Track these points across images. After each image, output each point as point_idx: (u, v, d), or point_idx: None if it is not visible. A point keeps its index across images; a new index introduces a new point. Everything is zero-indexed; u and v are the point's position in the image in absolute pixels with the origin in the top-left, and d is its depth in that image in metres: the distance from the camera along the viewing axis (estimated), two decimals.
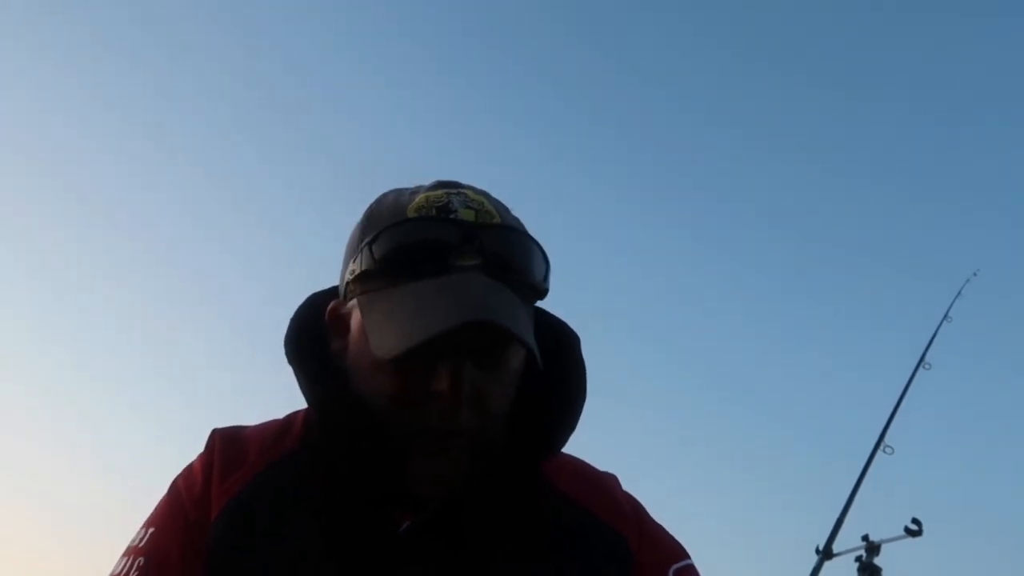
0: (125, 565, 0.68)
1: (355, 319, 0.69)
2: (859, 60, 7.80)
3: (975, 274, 3.83)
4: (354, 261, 0.69)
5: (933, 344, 3.54)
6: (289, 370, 0.72)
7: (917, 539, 3.17)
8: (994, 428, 6.38)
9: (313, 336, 0.74)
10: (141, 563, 0.67)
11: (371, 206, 0.72)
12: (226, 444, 0.74)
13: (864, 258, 7.57)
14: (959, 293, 3.72)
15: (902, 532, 3.19)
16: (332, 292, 0.77)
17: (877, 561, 3.26)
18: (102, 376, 6.98)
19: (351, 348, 0.70)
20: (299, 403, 0.74)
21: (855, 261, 7.48)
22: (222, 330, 7.29)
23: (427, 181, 0.73)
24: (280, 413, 0.79)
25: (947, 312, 3.63)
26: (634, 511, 0.77)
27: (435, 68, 7.28)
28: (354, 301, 0.69)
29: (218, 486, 0.70)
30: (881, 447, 3.27)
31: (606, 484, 0.78)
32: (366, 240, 0.67)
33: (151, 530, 0.70)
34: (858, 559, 3.27)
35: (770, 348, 7.46)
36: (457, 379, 0.63)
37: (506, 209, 0.72)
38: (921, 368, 3.47)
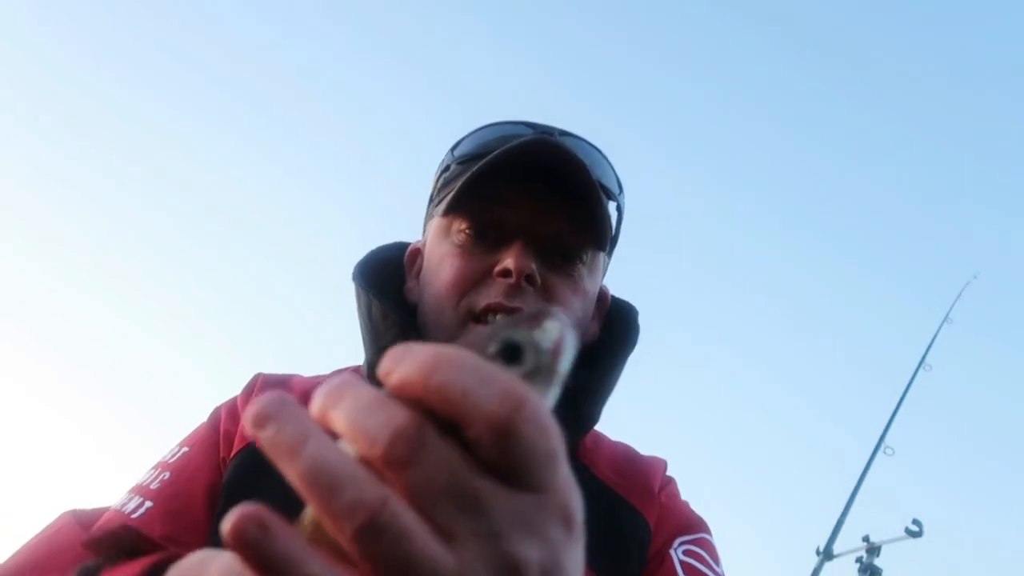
0: (151, 476, 0.69)
1: (430, 229, 0.73)
2: (868, 58, 7.79)
3: (975, 277, 3.85)
4: (437, 178, 0.75)
5: (934, 346, 3.55)
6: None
7: (917, 540, 3.18)
8: (994, 429, 6.39)
9: (388, 271, 0.76)
10: (166, 477, 0.68)
11: None
12: (264, 389, 0.73)
13: (865, 261, 7.57)
14: (959, 295, 3.74)
15: (902, 533, 3.21)
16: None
17: (877, 562, 3.26)
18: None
19: (424, 265, 0.72)
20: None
21: (856, 264, 7.48)
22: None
23: None
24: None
25: (947, 314, 3.65)
26: (664, 491, 0.76)
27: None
28: (432, 220, 0.73)
29: (244, 428, 0.69)
30: (881, 448, 3.28)
31: (644, 470, 0.77)
32: (449, 149, 0.74)
33: (184, 449, 0.71)
34: (859, 560, 3.28)
35: (770, 349, 7.47)
36: (521, 256, 0.64)
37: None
38: (922, 369, 3.48)
